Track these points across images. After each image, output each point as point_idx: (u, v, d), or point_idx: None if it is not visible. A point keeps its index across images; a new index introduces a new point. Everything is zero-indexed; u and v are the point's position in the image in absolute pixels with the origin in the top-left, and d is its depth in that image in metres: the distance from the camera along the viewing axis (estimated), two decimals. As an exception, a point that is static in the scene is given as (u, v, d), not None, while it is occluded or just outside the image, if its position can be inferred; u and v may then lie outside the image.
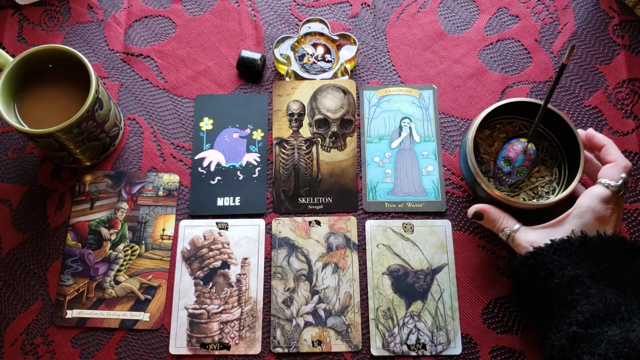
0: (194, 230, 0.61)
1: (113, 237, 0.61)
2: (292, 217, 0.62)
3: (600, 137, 0.55)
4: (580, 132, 0.56)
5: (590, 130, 0.56)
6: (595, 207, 0.51)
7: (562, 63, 0.48)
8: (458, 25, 0.71)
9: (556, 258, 0.49)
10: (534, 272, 0.51)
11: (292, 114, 0.66)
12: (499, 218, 0.55)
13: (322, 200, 0.63)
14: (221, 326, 0.57)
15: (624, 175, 0.52)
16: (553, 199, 0.54)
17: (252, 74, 0.68)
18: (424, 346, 0.56)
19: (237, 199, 0.63)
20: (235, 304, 0.58)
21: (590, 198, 0.51)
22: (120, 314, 0.58)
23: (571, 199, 0.54)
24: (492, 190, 0.54)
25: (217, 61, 0.69)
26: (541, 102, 0.56)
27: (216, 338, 0.57)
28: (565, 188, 0.56)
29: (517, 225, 0.54)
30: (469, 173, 0.56)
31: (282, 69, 0.67)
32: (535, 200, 0.58)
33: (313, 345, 0.56)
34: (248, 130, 0.66)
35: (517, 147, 0.56)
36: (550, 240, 0.51)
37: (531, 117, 0.59)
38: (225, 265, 0.60)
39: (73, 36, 0.70)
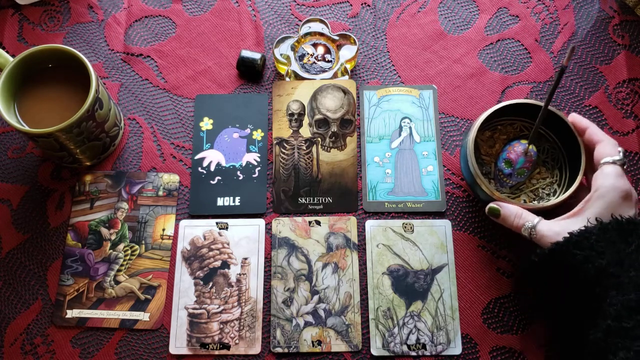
0: (194, 230, 0.61)
1: (113, 237, 0.61)
2: (292, 217, 0.62)
3: (582, 121, 0.55)
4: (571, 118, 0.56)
5: (574, 115, 0.56)
6: (616, 184, 0.48)
7: (562, 65, 0.47)
8: (458, 25, 0.71)
9: (577, 251, 0.47)
10: (558, 267, 0.48)
11: (292, 114, 0.66)
12: (518, 213, 0.53)
13: (322, 200, 0.63)
14: (221, 326, 0.57)
15: (620, 148, 0.51)
16: (554, 200, 0.54)
17: (252, 74, 0.67)
18: (424, 346, 0.56)
19: (237, 199, 0.63)
20: (235, 303, 0.58)
21: (607, 177, 0.49)
22: (120, 313, 0.58)
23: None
24: (493, 191, 0.54)
25: (217, 61, 0.69)
26: (542, 104, 0.56)
27: (216, 338, 0.57)
28: (567, 190, 0.55)
29: (537, 219, 0.51)
30: (469, 174, 0.56)
31: (282, 69, 0.67)
32: (536, 202, 0.58)
33: (313, 345, 0.56)
34: (248, 130, 0.66)
35: (518, 149, 0.56)
36: (569, 233, 0.48)
37: (532, 119, 0.59)
38: (225, 265, 0.60)
39: (73, 36, 0.70)
